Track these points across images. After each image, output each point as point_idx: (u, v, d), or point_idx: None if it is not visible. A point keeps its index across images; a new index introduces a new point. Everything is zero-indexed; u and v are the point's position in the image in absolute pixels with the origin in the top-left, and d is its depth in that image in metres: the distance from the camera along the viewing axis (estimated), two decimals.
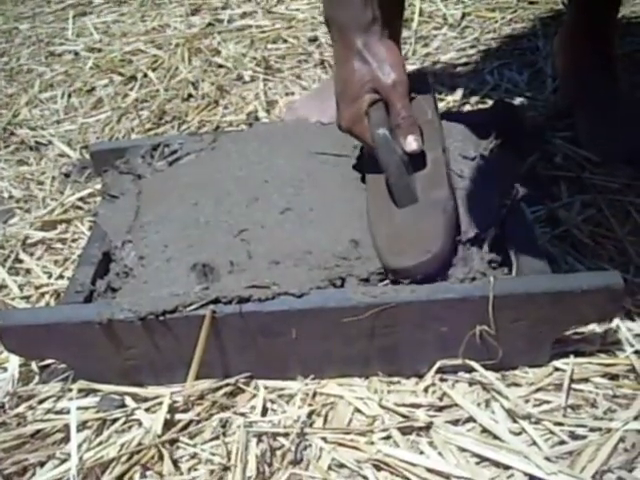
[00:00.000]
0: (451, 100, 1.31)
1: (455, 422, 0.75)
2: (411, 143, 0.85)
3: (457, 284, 0.75)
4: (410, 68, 1.44)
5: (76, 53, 1.79)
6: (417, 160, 0.85)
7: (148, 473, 0.73)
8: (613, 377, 0.78)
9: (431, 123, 0.90)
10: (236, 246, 0.85)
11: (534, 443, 0.72)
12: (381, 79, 0.86)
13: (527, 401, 0.76)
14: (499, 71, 1.41)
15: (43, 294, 1.00)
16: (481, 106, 1.29)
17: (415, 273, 0.76)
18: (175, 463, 0.73)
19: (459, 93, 1.33)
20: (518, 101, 1.29)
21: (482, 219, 0.83)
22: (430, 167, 0.86)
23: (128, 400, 0.81)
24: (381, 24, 0.88)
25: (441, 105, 1.30)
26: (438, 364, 0.78)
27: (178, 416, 0.78)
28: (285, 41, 1.65)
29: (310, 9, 1.78)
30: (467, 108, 1.29)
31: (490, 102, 1.29)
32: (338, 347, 0.78)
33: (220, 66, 1.58)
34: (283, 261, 0.81)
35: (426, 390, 0.79)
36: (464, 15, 1.64)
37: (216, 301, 0.76)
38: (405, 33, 1.54)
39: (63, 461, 0.76)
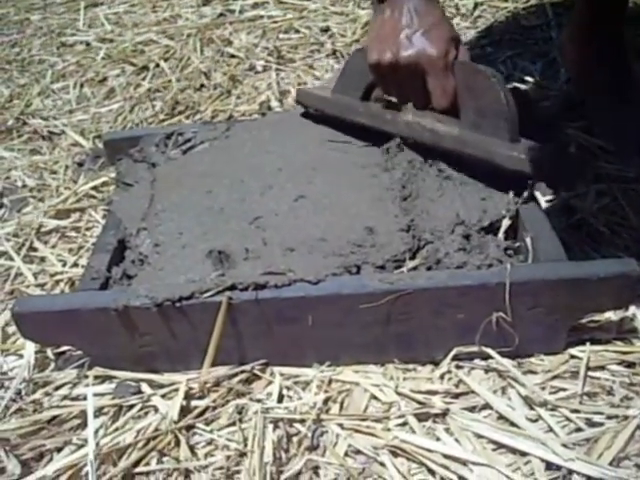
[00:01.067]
0: None
1: (471, 409, 0.75)
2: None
3: (474, 271, 0.75)
4: None
5: (88, 44, 1.80)
6: None
7: (165, 459, 0.73)
8: (629, 365, 0.78)
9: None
10: (251, 233, 0.85)
11: (551, 430, 0.72)
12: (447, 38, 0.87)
13: (543, 388, 0.76)
14: (512, 61, 1.41)
15: (58, 282, 1.00)
16: None
17: None
18: (192, 449, 0.74)
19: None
20: (532, 90, 1.29)
21: (497, 207, 0.83)
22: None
23: (144, 386, 0.81)
24: None
25: None
26: (454, 351, 0.78)
27: (194, 402, 0.78)
28: (297, 31, 1.65)
29: None
30: None
31: None
32: (354, 334, 0.78)
33: (232, 56, 1.58)
34: (298, 248, 0.81)
35: (442, 377, 0.79)
36: (476, 5, 1.64)
37: (232, 288, 0.76)
38: None
39: (80, 447, 0.76)
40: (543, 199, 0.99)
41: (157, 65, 1.59)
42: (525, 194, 0.85)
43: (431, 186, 0.88)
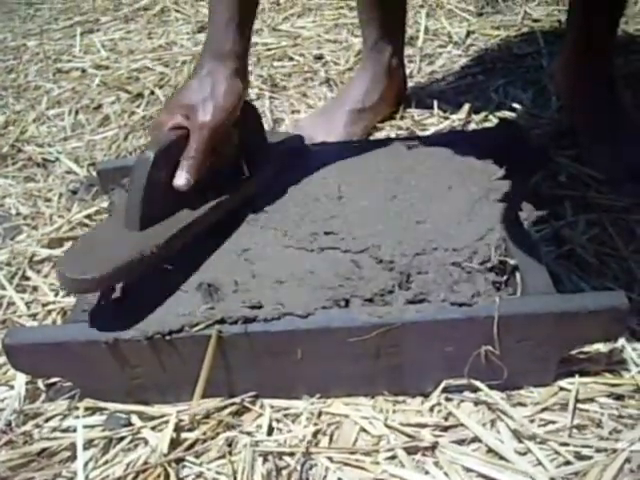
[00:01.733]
0: (456, 118, 1.32)
1: (461, 442, 0.75)
2: (179, 178, 0.86)
3: (462, 304, 0.75)
4: (412, 85, 1.45)
5: (83, 70, 1.80)
6: (184, 202, 0.88)
7: None
8: (618, 397, 0.78)
9: (245, 184, 0.95)
10: (239, 266, 0.85)
11: (540, 463, 0.72)
12: (197, 113, 0.86)
13: (532, 421, 0.76)
14: (504, 89, 1.42)
15: (50, 312, 1.00)
16: (486, 124, 1.30)
17: (63, 284, 0.80)
18: None
19: (464, 111, 1.33)
20: (523, 119, 1.30)
21: (486, 240, 0.83)
22: (183, 215, 0.87)
23: (134, 418, 0.81)
24: (238, 61, 0.89)
25: (446, 123, 1.30)
26: (443, 384, 0.78)
27: (184, 435, 0.78)
28: (291, 59, 1.66)
29: (315, 27, 1.79)
30: (472, 126, 1.30)
31: (495, 120, 1.30)
32: (344, 367, 0.78)
33: None
34: (287, 281, 0.81)
35: (432, 410, 0.79)
36: (469, 33, 1.66)
37: (222, 321, 0.76)
38: (410, 51, 1.56)
39: None
40: (533, 229, 0.99)
41: (152, 92, 1.59)
42: (515, 224, 0.86)
43: (419, 209, 0.90)
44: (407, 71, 1.41)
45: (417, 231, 0.86)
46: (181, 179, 0.86)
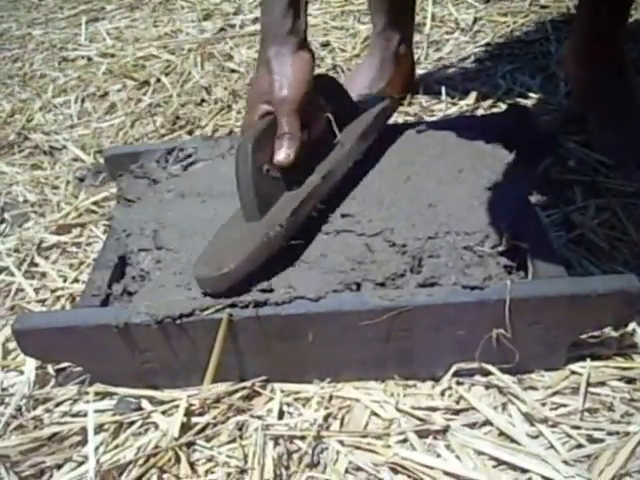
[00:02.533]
0: (464, 104, 1.31)
1: (472, 425, 0.75)
2: (278, 155, 0.87)
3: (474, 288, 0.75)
4: (420, 72, 1.45)
5: (89, 58, 1.81)
6: (289, 179, 0.88)
7: (165, 476, 0.73)
8: (630, 381, 0.78)
9: (338, 147, 0.94)
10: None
11: (552, 446, 0.72)
12: (274, 93, 0.87)
13: (544, 404, 0.76)
14: (512, 75, 1.41)
15: (58, 297, 1.00)
16: (494, 110, 1.29)
17: (203, 286, 0.78)
18: (192, 466, 0.74)
19: (472, 97, 1.33)
20: (531, 105, 1.29)
21: (498, 224, 0.83)
22: (296, 190, 0.88)
23: (144, 403, 0.81)
24: (300, 36, 0.89)
25: (454, 109, 1.30)
26: (454, 367, 0.78)
27: (194, 419, 0.78)
28: None
29: (322, 14, 1.79)
30: (480, 112, 1.29)
31: (503, 106, 1.29)
32: (354, 350, 0.78)
33: (233, 71, 1.59)
34: (298, 265, 0.81)
35: (442, 393, 0.79)
36: (476, 20, 1.65)
37: (232, 305, 0.76)
38: (417, 37, 1.55)
39: (80, 464, 0.76)
40: (543, 214, 0.99)
41: (158, 80, 1.59)
42: (525, 209, 0.86)
43: (429, 193, 0.90)
44: (415, 57, 1.41)
45: (429, 214, 0.86)
46: (281, 155, 0.87)
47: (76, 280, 1.03)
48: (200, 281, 0.78)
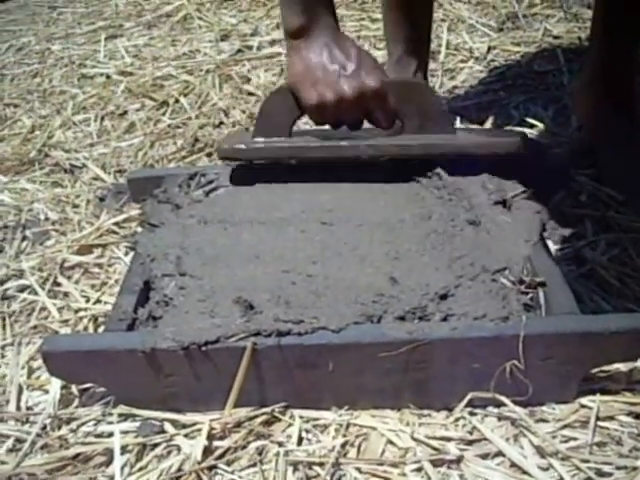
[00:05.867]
0: None
1: (485, 456, 0.77)
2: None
3: (490, 323, 0.78)
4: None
5: (108, 76, 1.83)
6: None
7: None
8: (638, 416, 0.80)
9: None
10: (277, 278, 0.88)
11: (562, 479, 0.74)
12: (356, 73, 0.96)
13: (554, 437, 0.78)
14: (524, 106, 1.44)
15: (81, 318, 1.02)
16: None
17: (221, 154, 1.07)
18: None
19: (486, 127, 1.35)
20: (543, 137, 1.32)
21: (517, 261, 0.86)
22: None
23: (167, 426, 0.83)
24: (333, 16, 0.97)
25: None
26: (469, 396, 0.80)
27: (216, 443, 0.80)
28: None
29: None
30: None
31: None
32: (372, 380, 0.81)
33: (250, 94, 1.62)
34: (323, 295, 0.84)
35: (456, 424, 0.81)
36: (489, 49, 1.68)
37: (257, 333, 0.79)
38: (432, 65, 1.57)
39: None
40: (554, 247, 1.02)
41: (177, 100, 1.62)
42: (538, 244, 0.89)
43: (457, 231, 0.93)
44: (430, 85, 1.44)
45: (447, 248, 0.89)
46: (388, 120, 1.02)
47: (98, 301, 1.05)
48: (219, 150, 1.07)
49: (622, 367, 0.84)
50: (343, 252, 0.92)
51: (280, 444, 0.80)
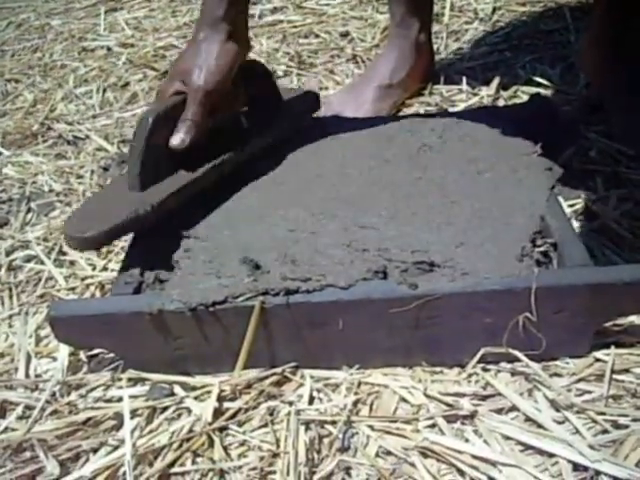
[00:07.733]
0: (485, 94, 1.32)
1: (499, 411, 0.76)
2: (174, 138, 0.91)
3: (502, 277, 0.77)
4: (440, 62, 1.45)
5: (109, 48, 1.82)
6: (186, 163, 0.93)
7: (199, 460, 0.75)
8: None
9: (251, 141, 1.01)
10: (283, 237, 0.87)
11: (577, 432, 0.73)
12: (191, 78, 0.91)
13: (569, 391, 0.77)
14: (531, 65, 1.42)
15: (88, 286, 1.02)
16: (515, 100, 1.30)
17: (67, 242, 0.87)
18: (225, 450, 0.75)
19: (493, 87, 1.33)
20: (551, 95, 1.30)
21: (530, 216, 0.84)
22: (183, 175, 0.93)
23: (177, 389, 0.83)
24: (232, 25, 0.94)
25: (475, 99, 1.31)
26: (482, 352, 0.79)
27: (226, 404, 0.80)
28: (317, 36, 1.67)
29: (340, 4, 1.79)
30: (501, 102, 1.30)
31: (523, 96, 1.30)
32: (383, 337, 0.80)
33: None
34: (329, 253, 0.83)
35: (469, 380, 0.80)
36: (495, 9, 1.65)
37: (265, 293, 0.78)
38: (436, 27, 1.55)
39: (115, 448, 0.77)
40: (565, 203, 1.00)
41: None
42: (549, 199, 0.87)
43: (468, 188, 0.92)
44: (434, 47, 1.42)
45: (455, 209, 0.88)
46: (176, 139, 0.91)
47: (105, 268, 1.05)
48: (65, 236, 0.87)
49: (636, 320, 0.83)
50: (347, 207, 0.90)
51: (291, 404, 0.79)
